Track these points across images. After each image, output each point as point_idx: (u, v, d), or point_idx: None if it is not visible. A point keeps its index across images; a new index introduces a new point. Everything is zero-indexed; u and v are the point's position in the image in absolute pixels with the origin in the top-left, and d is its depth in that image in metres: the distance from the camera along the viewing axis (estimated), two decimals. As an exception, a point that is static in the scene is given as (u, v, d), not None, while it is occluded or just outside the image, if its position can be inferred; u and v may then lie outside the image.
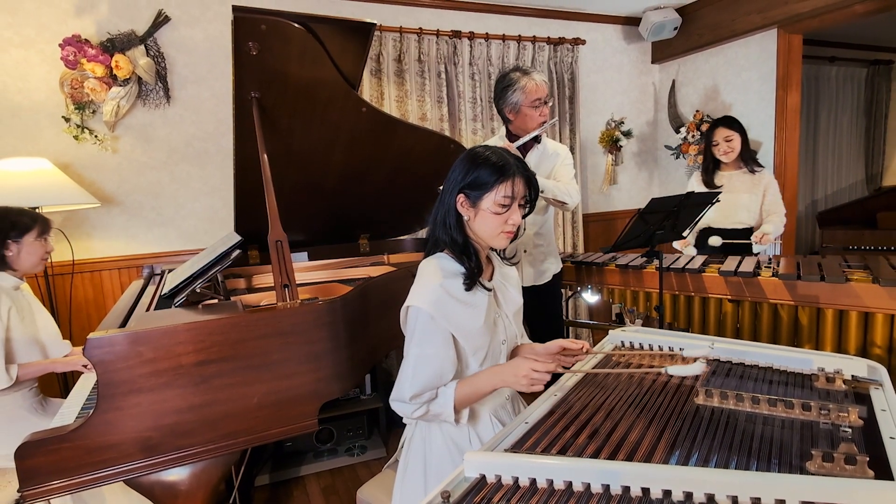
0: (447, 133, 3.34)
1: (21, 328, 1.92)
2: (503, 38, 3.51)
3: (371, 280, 1.85)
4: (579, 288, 2.88)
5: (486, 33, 3.45)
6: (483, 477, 0.88)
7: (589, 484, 0.82)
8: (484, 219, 1.25)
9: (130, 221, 2.85)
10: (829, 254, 3.68)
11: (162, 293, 1.83)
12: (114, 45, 2.65)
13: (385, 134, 2.13)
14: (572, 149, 3.70)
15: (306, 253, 2.56)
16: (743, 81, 3.58)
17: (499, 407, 1.35)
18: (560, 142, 3.60)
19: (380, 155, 2.22)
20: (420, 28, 3.26)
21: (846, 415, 0.98)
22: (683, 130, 3.81)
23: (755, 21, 3.35)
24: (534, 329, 2.38)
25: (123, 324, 1.66)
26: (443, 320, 1.21)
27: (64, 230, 2.66)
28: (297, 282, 1.62)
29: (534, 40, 3.58)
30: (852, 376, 1.17)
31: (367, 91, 3.17)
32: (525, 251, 2.45)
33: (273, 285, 1.56)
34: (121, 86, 2.68)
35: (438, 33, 3.31)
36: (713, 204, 2.29)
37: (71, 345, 2.10)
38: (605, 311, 4.02)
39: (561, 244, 3.81)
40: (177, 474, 1.36)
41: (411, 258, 2.67)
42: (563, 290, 2.90)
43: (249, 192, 2.02)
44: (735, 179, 2.77)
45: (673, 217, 2.14)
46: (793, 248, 3.62)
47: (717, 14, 3.57)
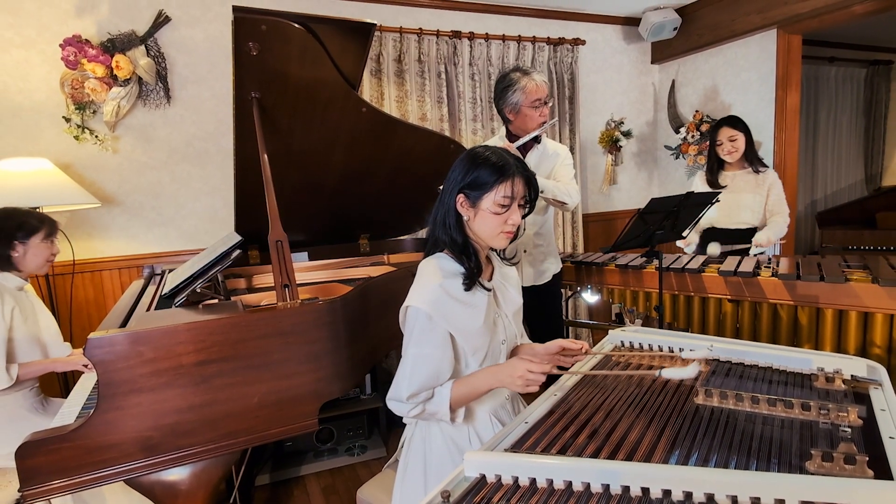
0: (447, 133, 3.34)
1: (24, 328, 1.93)
2: (503, 39, 3.51)
3: (371, 280, 1.85)
4: (579, 288, 2.89)
5: (486, 33, 3.45)
6: (483, 477, 0.88)
7: (589, 484, 0.83)
8: (483, 219, 1.25)
9: (131, 221, 2.85)
10: (829, 254, 3.68)
11: (162, 293, 1.83)
12: (114, 46, 2.65)
13: (385, 134, 2.13)
14: (572, 149, 3.71)
15: (306, 253, 2.56)
16: (742, 82, 3.58)
17: (499, 407, 1.35)
18: (560, 142, 3.61)
19: (380, 155, 2.22)
20: (420, 28, 3.26)
21: (845, 414, 0.98)
22: (683, 131, 3.81)
23: (755, 21, 3.35)
24: (534, 329, 2.38)
25: (124, 324, 1.66)
26: (442, 320, 1.21)
27: (64, 230, 2.66)
28: (298, 282, 1.62)
29: (533, 40, 3.59)
30: (852, 376, 1.17)
31: (368, 91, 3.18)
32: (525, 251, 2.45)
33: (273, 285, 1.56)
34: (121, 86, 2.68)
35: (438, 33, 3.31)
36: (713, 204, 2.29)
37: (71, 347, 2.09)
38: (605, 311, 4.02)
39: (561, 244, 3.81)
40: (177, 474, 1.36)
41: (411, 258, 2.67)
42: (563, 290, 2.90)
43: (250, 192, 2.03)
44: (739, 179, 2.76)
45: (672, 217, 2.14)
46: (792, 249, 3.62)
47: (717, 14, 3.57)
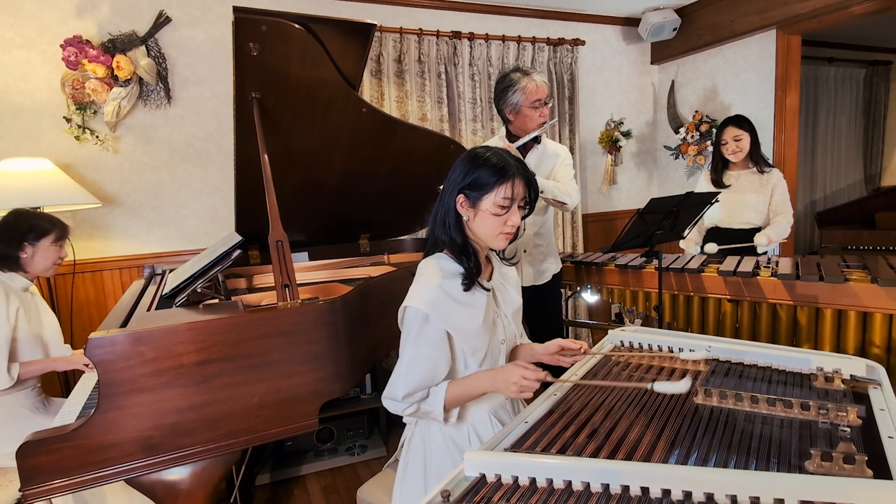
0: (447, 133, 3.34)
1: (27, 329, 1.93)
2: (503, 39, 3.52)
3: (371, 280, 1.85)
4: (579, 288, 2.89)
5: (486, 34, 3.46)
6: (483, 476, 0.88)
7: (588, 483, 0.83)
8: (483, 219, 1.25)
9: (131, 221, 2.85)
10: (828, 254, 3.69)
11: (163, 293, 1.83)
12: (115, 46, 2.65)
13: (385, 134, 2.14)
14: (572, 149, 3.71)
15: (307, 253, 2.56)
16: (742, 82, 3.59)
17: (498, 406, 1.35)
18: (560, 142, 3.61)
19: (380, 155, 2.22)
20: (420, 29, 3.26)
21: (845, 414, 0.98)
22: (683, 131, 3.81)
23: (754, 22, 3.36)
24: (533, 329, 2.38)
25: (124, 323, 1.66)
26: (440, 320, 1.22)
27: (65, 230, 2.67)
28: (298, 282, 1.62)
29: (533, 41, 3.59)
30: (851, 376, 1.17)
31: (368, 91, 3.18)
32: (525, 251, 2.45)
33: (273, 285, 1.56)
34: (122, 86, 2.69)
35: (438, 34, 3.31)
36: (712, 204, 2.29)
37: (72, 349, 2.09)
38: (605, 311, 4.03)
39: (561, 244, 3.82)
40: (178, 473, 1.37)
41: (411, 258, 2.68)
42: (563, 290, 2.90)
43: (250, 193, 2.03)
44: (743, 179, 2.74)
45: (672, 217, 2.15)
46: (792, 249, 3.62)
47: (717, 15, 3.57)
